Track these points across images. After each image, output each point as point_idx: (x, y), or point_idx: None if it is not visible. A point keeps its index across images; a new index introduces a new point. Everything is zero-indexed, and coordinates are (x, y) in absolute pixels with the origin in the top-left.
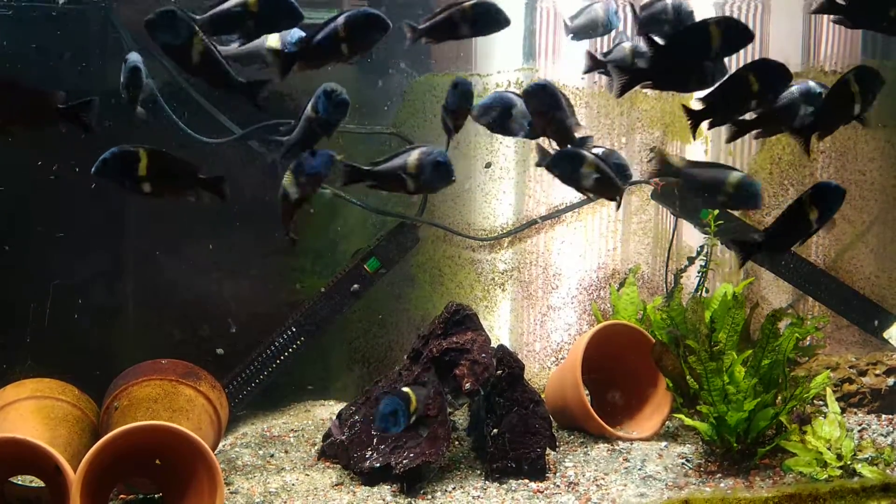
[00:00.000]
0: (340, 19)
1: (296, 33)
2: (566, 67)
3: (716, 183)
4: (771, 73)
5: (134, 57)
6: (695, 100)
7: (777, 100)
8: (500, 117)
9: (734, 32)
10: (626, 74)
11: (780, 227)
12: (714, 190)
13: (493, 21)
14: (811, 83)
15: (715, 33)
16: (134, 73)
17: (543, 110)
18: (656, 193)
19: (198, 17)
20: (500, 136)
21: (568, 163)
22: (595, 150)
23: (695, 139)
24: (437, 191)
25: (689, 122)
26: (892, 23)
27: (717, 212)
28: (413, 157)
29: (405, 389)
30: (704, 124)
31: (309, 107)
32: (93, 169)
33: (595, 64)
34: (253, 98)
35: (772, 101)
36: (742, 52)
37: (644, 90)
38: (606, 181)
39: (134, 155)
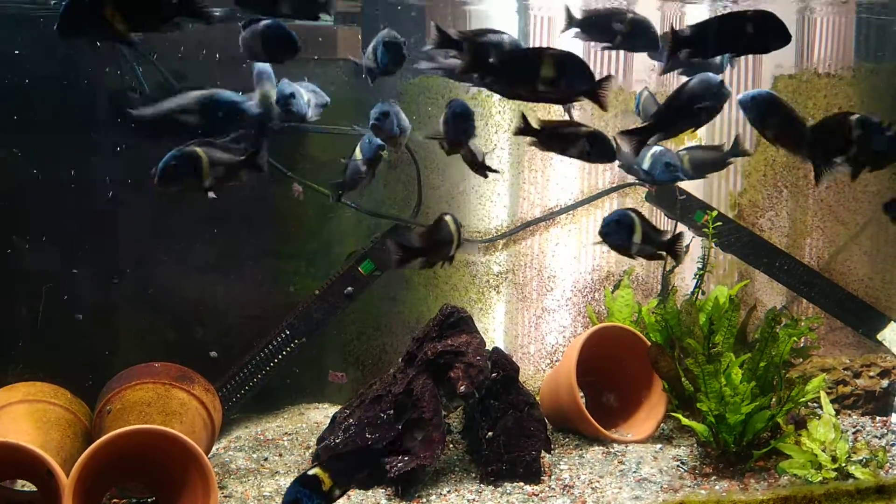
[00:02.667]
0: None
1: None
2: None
3: (570, 137)
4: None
5: None
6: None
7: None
8: None
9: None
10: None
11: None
12: (568, 142)
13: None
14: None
15: None
16: None
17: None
18: (651, 196)
19: None
20: (493, 139)
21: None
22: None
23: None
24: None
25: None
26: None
27: (715, 213)
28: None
29: (313, 472)
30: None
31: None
32: (156, 176)
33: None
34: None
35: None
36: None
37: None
38: None
39: (194, 155)
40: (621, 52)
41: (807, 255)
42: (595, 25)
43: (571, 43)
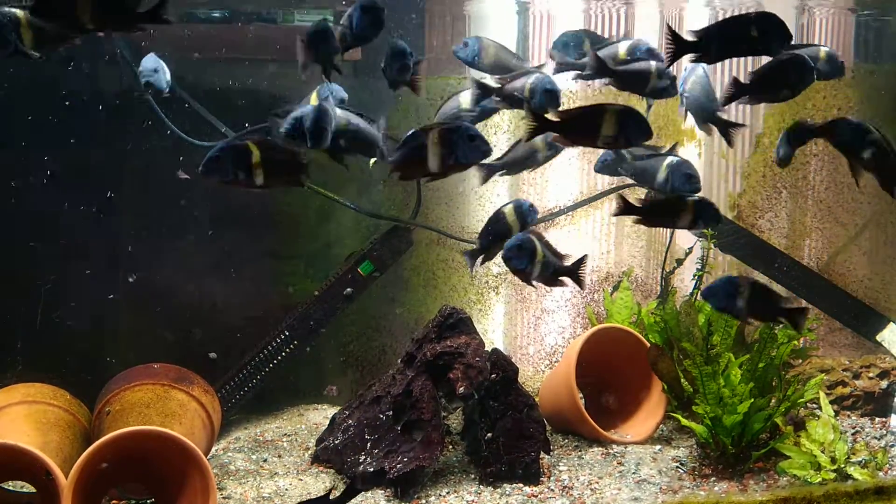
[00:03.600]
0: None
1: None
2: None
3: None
4: None
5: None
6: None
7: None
8: None
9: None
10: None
11: None
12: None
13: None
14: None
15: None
16: None
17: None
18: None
19: None
20: (493, 140)
21: None
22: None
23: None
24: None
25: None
26: None
27: None
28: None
29: None
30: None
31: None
32: (202, 168)
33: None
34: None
35: None
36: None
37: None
38: None
39: (245, 148)
40: None
41: (806, 256)
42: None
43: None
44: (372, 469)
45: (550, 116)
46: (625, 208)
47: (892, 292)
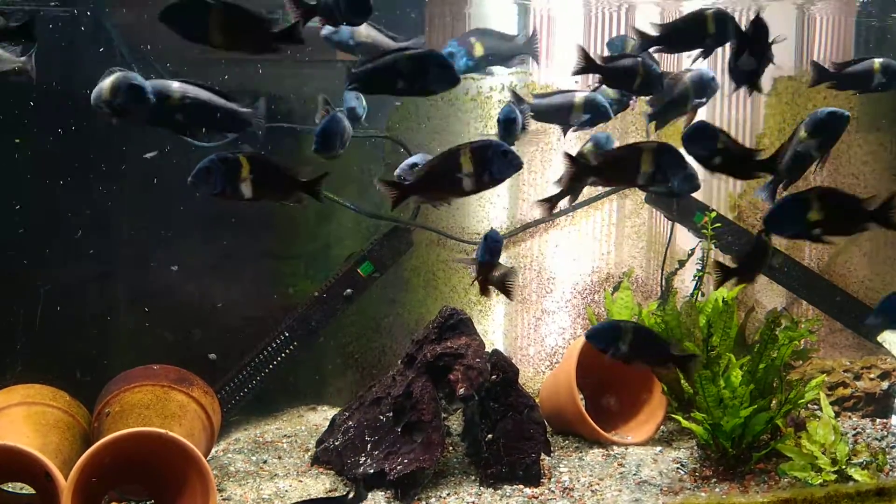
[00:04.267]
0: None
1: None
2: (559, 71)
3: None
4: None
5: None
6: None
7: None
8: None
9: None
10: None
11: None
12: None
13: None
14: None
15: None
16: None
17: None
18: (650, 197)
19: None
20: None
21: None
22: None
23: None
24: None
25: None
26: None
27: (713, 214)
28: None
29: None
30: None
31: None
32: (191, 178)
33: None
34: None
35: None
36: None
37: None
38: None
39: (235, 162)
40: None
41: (807, 257)
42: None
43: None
44: (372, 470)
45: (591, 161)
46: (578, 170)
47: None
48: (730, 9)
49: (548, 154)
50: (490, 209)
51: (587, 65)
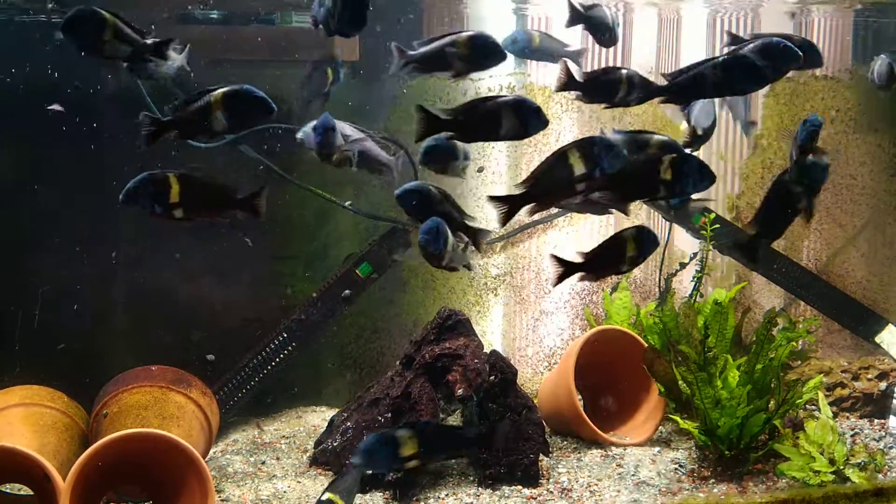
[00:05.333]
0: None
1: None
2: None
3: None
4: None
5: None
6: None
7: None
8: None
9: None
10: None
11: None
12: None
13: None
14: None
15: None
16: None
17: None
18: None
19: None
20: (492, 142)
21: None
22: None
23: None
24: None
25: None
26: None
27: (712, 216)
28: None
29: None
30: None
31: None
32: (121, 197)
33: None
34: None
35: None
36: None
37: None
38: None
39: (164, 181)
40: (618, 55)
41: (804, 258)
42: None
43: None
44: (370, 471)
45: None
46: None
47: (891, 294)
48: (727, 15)
49: (546, 154)
50: (488, 209)
51: (568, 81)
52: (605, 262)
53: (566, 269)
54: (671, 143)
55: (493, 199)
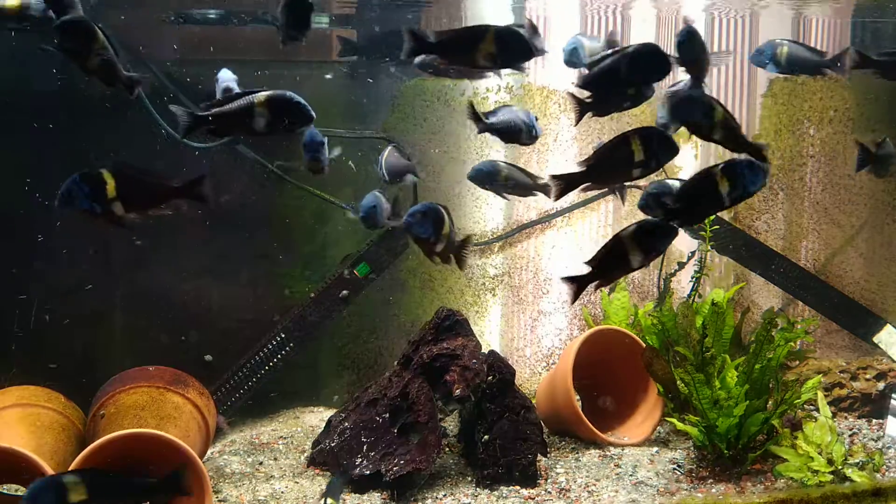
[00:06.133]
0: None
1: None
2: (555, 72)
3: None
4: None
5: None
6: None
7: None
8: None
9: None
10: None
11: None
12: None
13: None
14: None
15: None
16: None
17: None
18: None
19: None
20: (489, 142)
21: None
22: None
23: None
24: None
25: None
26: None
27: (711, 217)
28: None
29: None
30: None
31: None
32: (56, 201)
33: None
34: (130, 91)
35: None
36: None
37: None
38: None
39: (98, 178)
40: None
41: (803, 258)
42: None
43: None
44: (368, 472)
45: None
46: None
47: (889, 294)
48: (725, 14)
49: (544, 155)
50: (486, 210)
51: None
52: (613, 265)
53: (579, 284)
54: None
55: (553, 177)
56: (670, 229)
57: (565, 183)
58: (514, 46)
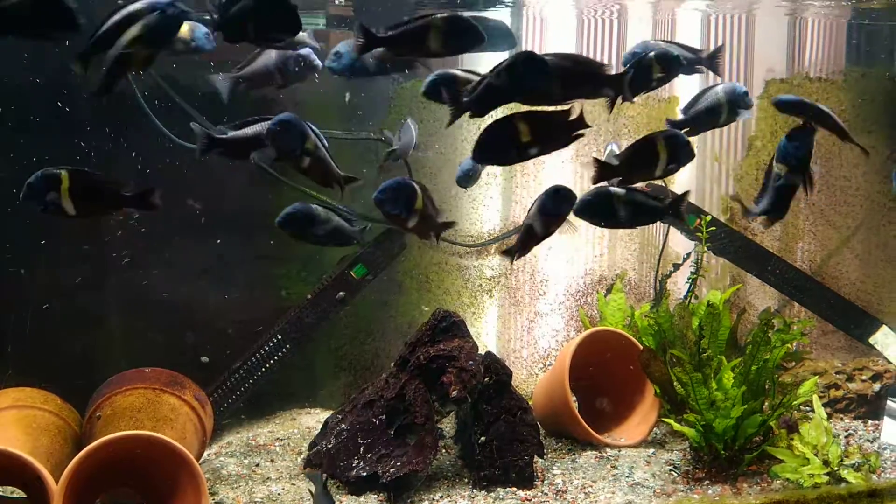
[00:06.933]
0: None
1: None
2: None
3: None
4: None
5: None
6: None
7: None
8: None
9: None
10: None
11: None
12: None
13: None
14: None
15: None
16: None
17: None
18: None
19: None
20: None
21: None
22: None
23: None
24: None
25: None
26: None
27: (708, 218)
28: None
29: None
30: None
31: None
32: (21, 195)
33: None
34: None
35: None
36: (727, 60)
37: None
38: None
39: (55, 176)
40: (613, 56)
41: (799, 259)
42: None
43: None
44: (365, 473)
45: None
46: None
47: (885, 295)
48: (721, 14)
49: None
50: (483, 211)
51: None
52: (638, 164)
53: (602, 171)
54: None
55: (594, 160)
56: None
57: (600, 172)
58: (463, 33)
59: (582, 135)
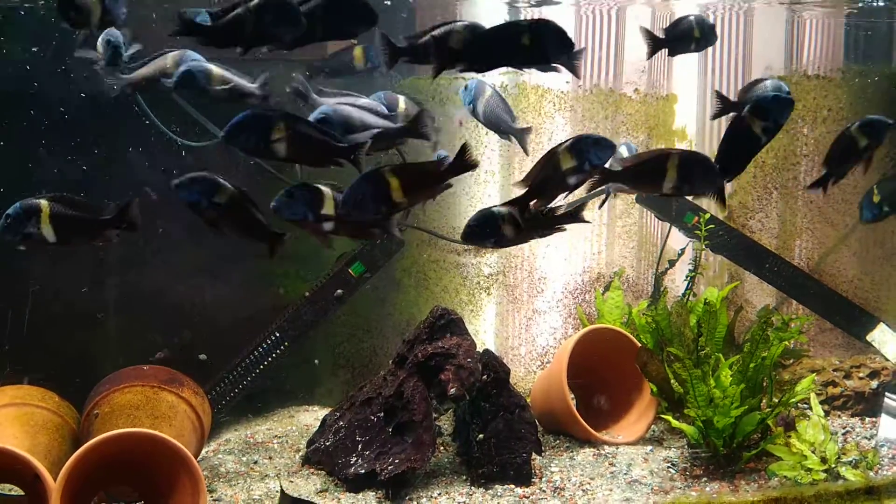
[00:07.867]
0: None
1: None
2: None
3: None
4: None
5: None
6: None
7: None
8: None
9: None
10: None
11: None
12: None
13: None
14: None
15: None
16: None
17: None
18: (641, 197)
19: None
20: (484, 140)
21: None
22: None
23: None
24: None
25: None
26: None
27: (707, 216)
28: None
29: None
30: None
31: None
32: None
33: None
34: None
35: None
36: (724, 57)
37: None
38: None
39: (35, 206)
40: (611, 53)
41: (796, 257)
42: None
43: None
44: (363, 471)
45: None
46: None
47: (882, 293)
48: (719, 11)
49: (539, 155)
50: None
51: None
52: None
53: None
54: None
55: (594, 168)
56: None
57: (602, 177)
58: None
59: (450, 185)
